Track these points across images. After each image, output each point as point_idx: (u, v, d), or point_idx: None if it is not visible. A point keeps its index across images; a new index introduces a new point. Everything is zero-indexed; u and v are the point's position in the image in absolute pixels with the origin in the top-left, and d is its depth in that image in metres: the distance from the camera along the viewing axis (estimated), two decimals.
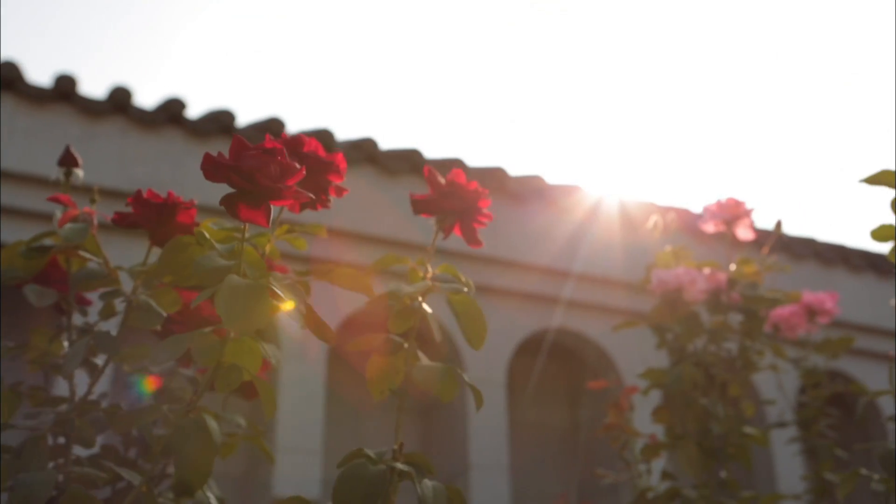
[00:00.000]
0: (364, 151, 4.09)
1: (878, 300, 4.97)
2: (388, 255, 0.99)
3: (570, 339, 4.44)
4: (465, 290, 0.97)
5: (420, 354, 1.00)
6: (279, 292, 0.94)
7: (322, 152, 0.94)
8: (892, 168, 1.20)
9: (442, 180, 0.96)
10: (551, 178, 4.49)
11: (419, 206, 0.97)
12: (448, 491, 1.05)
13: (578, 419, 4.69)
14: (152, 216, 1.05)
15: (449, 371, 0.99)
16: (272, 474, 3.51)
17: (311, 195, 0.89)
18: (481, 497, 3.84)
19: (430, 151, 4.54)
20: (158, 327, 1.08)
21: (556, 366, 4.71)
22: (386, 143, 5.01)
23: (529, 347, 4.49)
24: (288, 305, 0.94)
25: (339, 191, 0.95)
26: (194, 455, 0.92)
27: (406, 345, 1.00)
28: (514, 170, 4.44)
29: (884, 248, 1.35)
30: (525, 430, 4.57)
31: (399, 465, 1.05)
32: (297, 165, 0.88)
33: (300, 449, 3.58)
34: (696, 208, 4.69)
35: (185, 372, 1.37)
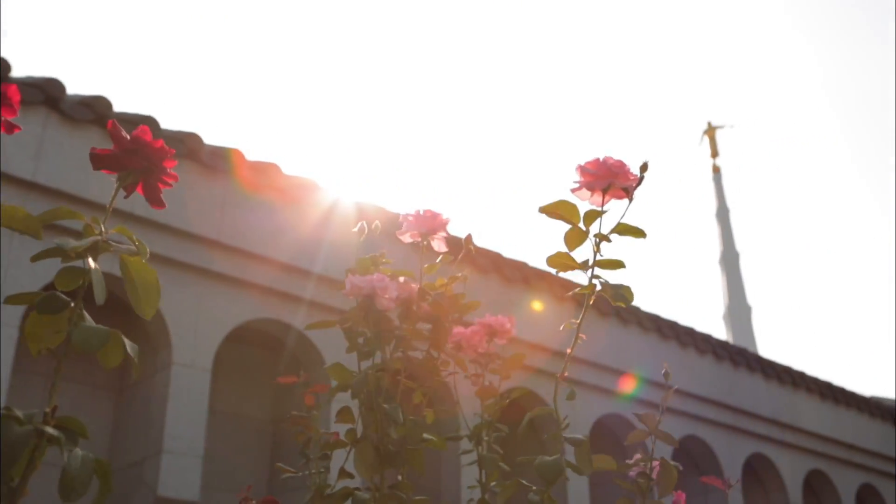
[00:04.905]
0: (94, 111, 3.88)
1: (559, 323, 5.33)
2: (61, 208, 0.94)
3: (282, 332, 4.42)
4: (139, 252, 0.94)
5: (86, 315, 0.96)
6: None
7: None
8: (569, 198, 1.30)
9: (127, 136, 0.92)
10: (288, 169, 4.47)
11: (99, 162, 0.92)
12: (97, 463, 1.01)
13: (277, 413, 4.67)
14: None
15: (113, 335, 0.95)
16: None
17: None
18: (171, 483, 3.72)
19: (168, 123, 4.38)
20: None
21: (266, 358, 4.68)
22: (121, 106, 4.77)
23: (241, 337, 4.42)
24: None
25: (10, 127, 0.89)
26: None
27: (72, 304, 0.95)
28: (253, 155, 4.38)
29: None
30: (225, 419, 4.49)
31: (48, 429, 1.00)
32: None
33: None
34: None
35: None
